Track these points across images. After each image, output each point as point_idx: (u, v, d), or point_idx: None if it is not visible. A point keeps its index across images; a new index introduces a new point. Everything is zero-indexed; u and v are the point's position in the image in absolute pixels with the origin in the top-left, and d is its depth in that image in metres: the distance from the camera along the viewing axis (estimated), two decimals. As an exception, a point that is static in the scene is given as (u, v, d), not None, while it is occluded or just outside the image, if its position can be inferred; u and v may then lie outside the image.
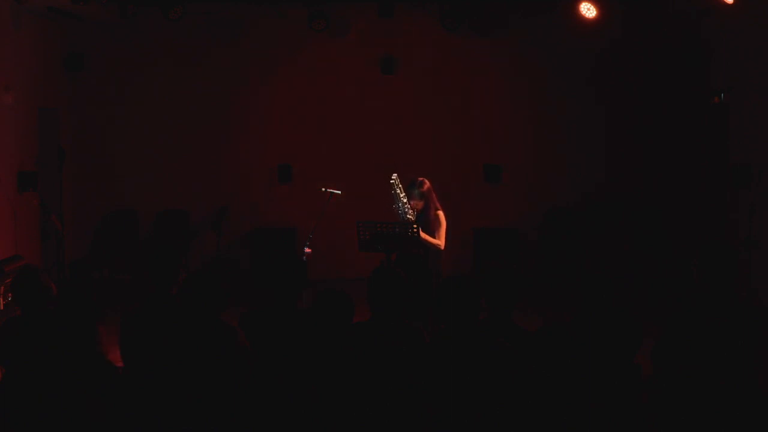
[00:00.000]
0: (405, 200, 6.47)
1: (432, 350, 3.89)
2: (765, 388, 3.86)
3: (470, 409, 3.59)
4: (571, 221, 10.96)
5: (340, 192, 7.32)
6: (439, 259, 6.63)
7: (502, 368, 3.66)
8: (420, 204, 6.61)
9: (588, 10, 9.36)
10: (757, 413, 3.44)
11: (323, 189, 7.30)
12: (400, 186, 6.47)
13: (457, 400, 3.62)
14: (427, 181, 6.71)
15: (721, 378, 3.59)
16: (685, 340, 3.76)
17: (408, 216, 6.45)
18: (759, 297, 8.20)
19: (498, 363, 3.67)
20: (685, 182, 10.53)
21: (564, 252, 10.82)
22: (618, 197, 10.81)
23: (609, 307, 3.95)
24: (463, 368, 3.66)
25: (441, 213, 6.66)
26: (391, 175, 6.51)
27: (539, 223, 11.04)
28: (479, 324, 3.91)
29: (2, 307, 7.46)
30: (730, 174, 9.14)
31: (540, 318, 8.07)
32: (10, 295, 7.30)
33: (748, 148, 9.02)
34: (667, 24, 10.24)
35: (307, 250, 7.01)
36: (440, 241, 6.59)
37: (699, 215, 10.19)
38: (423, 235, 6.44)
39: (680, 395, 3.60)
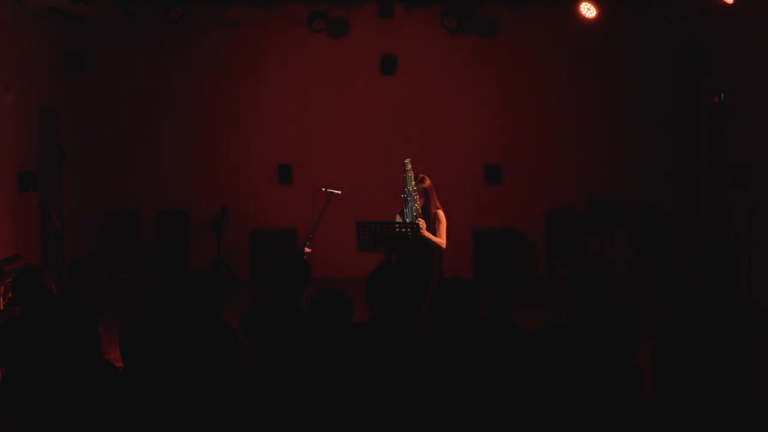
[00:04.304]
0: (414, 187, 6.44)
1: (432, 350, 3.88)
2: (765, 388, 3.86)
3: (470, 408, 3.59)
4: (571, 221, 10.96)
5: (339, 192, 7.31)
6: (441, 258, 6.61)
7: (502, 368, 3.66)
8: (420, 201, 6.57)
9: (588, 10, 9.36)
10: (757, 413, 3.45)
11: (323, 189, 7.30)
12: (411, 172, 6.43)
13: (457, 399, 3.62)
14: (427, 178, 6.66)
15: (721, 377, 3.60)
16: (685, 340, 3.76)
17: (415, 204, 6.41)
18: (759, 297, 8.20)
19: (498, 363, 3.67)
20: (685, 182, 10.53)
21: (564, 252, 10.83)
22: (618, 197, 10.80)
23: (609, 307, 3.95)
24: (463, 368, 3.66)
25: (441, 212, 6.62)
26: (404, 160, 6.48)
27: (539, 223, 11.04)
28: (479, 324, 3.91)
29: (2, 307, 7.45)
30: (730, 174, 9.14)
31: (540, 318, 8.06)
32: (10, 295, 7.29)
33: (747, 149, 9.02)
34: (667, 24, 10.24)
35: (307, 249, 7.00)
36: (442, 240, 6.56)
37: (699, 215, 10.19)
38: (426, 233, 6.41)
39: (680, 395, 3.60)
